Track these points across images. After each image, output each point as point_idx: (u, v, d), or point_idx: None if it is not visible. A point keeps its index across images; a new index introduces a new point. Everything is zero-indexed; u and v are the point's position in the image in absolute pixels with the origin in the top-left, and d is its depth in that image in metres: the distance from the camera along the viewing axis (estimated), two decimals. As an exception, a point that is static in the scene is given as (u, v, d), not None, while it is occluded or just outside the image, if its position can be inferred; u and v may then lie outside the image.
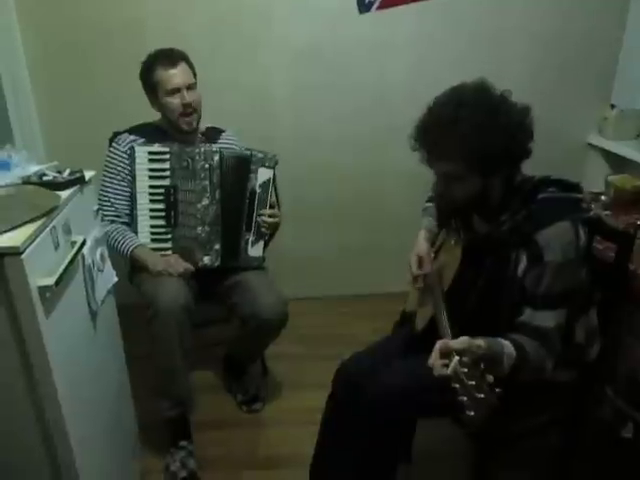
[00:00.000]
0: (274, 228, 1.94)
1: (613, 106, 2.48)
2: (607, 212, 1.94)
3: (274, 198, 1.93)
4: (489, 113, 1.14)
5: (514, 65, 2.41)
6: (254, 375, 2.18)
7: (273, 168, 1.89)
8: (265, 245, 1.96)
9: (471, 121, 1.13)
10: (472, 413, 0.93)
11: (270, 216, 1.90)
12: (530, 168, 1.27)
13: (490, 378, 0.95)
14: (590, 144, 2.62)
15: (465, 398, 0.94)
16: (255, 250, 1.93)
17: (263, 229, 1.91)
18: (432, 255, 1.51)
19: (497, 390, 0.94)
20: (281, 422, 2.00)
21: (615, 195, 1.98)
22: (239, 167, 1.85)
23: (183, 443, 1.81)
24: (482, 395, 0.93)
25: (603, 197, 2.04)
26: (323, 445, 1.56)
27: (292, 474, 1.74)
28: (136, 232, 1.81)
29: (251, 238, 1.91)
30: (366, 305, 2.69)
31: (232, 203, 1.87)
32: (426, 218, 1.59)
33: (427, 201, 1.62)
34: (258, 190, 1.87)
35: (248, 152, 1.86)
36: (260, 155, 1.87)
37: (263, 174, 1.87)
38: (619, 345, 1.54)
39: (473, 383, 0.94)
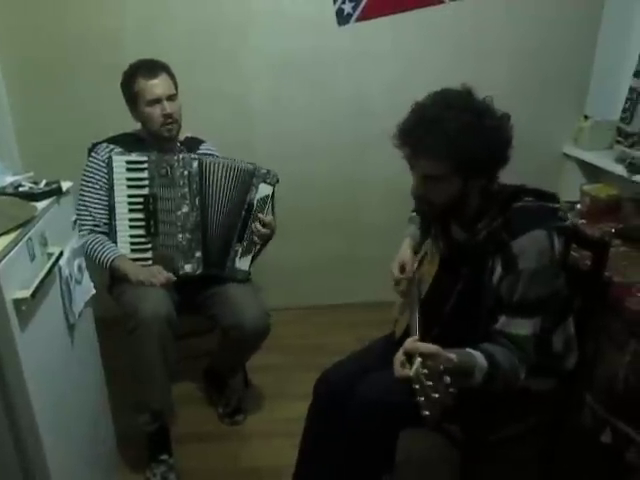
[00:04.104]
0: (266, 239, 1.92)
1: (587, 117, 2.54)
2: (582, 221, 1.97)
3: (271, 215, 1.91)
4: (475, 115, 1.16)
5: (491, 76, 2.44)
6: (235, 387, 2.16)
7: (274, 185, 1.90)
8: (253, 259, 1.94)
9: (458, 121, 1.14)
10: (427, 413, 0.95)
11: (264, 226, 1.88)
12: (507, 177, 1.28)
13: (447, 379, 0.97)
14: (566, 154, 2.67)
15: (422, 398, 0.96)
16: (242, 263, 1.92)
17: (255, 238, 1.89)
18: (416, 264, 1.52)
19: (451, 390, 0.96)
20: (264, 433, 1.98)
21: (590, 204, 2.02)
22: (240, 179, 1.85)
23: (163, 457, 1.78)
24: (437, 395, 0.95)
25: (578, 206, 2.07)
26: (305, 454, 1.55)
27: (275, 486, 1.72)
28: (115, 242, 1.79)
29: (240, 250, 1.90)
30: (348, 314, 2.69)
31: (226, 213, 1.86)
32: (411, 226, 1.60)
33: (413, 210, 1.63)
34: (255, 204, 1.87)
35: (252, 166, 1.86)
36: (263, 171, 1.87)
37: (263, 190, 1.87)
38: (597, 352, 1.57)
39: (430, 384, 0.96)
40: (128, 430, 1.81)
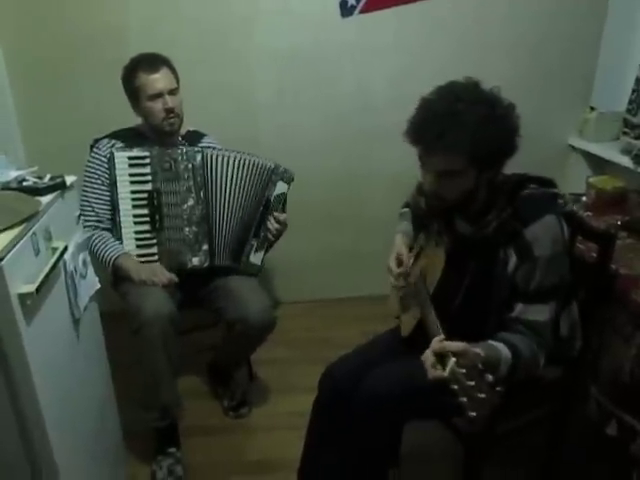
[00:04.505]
0: (278, 235, 1.94)
1: (593, 108, 2.52)
2: (588, 213, 1.96)
3: (284, 213, 1.93)
4: (488, 106, 1.15)
5: (496, 69, 2.42)
6: (240, 380, 2.17)
7: (289, 184, 1.91)
8: (265, 254, 1.96)
9: (473, 113, 1.12)
10: (474, 414, 0.93)
11: (278, 223, 1.90)
12: (512, 170, 1.28)
13: (489, 377, 0.95)
14: (571, 146, 2.65)
15: (465, 399, 0.94)
16: (256, 257, 1.94)
17: (269, 235, 1.91)
18: (412, 259, 1.51)
19: (498, 389, 0.94)
20: (269, 427, 1.99)
21: (596, 196, 2.01)
22: (258, 175, 1.87)
23: (171, 450, 1.79)
24: (483, 395, 0.93)
25: (584, 198, 2.06)
26: (310, 448, 1.56)
27: (280, 479, 1.73)
28: (120, 239, 1.79)
29: (256, 245, 1.92)
30: (354, 308, 2.70)
31: (240, 206, 1.87)
32: (403, 223, 1.59)
33: (403, 207, 1.62)
34: (272, 200, 1.89)
35: (272, 163, 1.88)
36: (282, 169, 1.89)
37: (280, 187, 1.90)
38: (603, 344, 1.56)
39: (472, 384, 0.94)
40: (134, 423, 1.82)
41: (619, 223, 1.84)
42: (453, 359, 0.99)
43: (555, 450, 1.56)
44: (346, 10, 2.37)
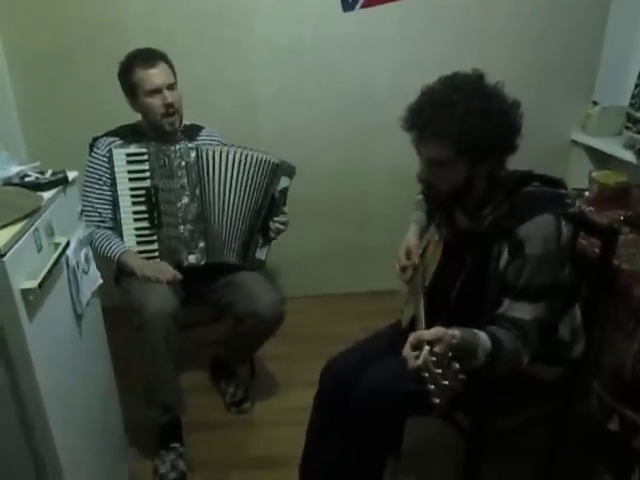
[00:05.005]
0: (279, 233, 1.94)
1: (595, 103, 2.51)
2: (591, 208, 1.96)
3: (285, 215, 1.93)
4: (484, 100, 1.14)
5: (499, 62, 2.41)
6: (242, 376, 2.17)
7: (291, 178, 1.91)
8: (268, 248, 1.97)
9: (467, 105, 1.12)
10: (437, 400, 0.95)
11: (281, 223, 1.90)
12: (514, 165, 1.27)
13: (455, 365, 0.96)
14: (574, 141, 2.64)
15: (432, 386, 0.95)
16: (260, 253, 1.94)
17: (272, 234, 1.91)
18: (420, 251, 1.51)
19: (461, 377, 0.95)
20: (270, 422, 2.00)
21: (599, 191, 2.00)
22: (263, 171, 1.86)
23: (174, 445, 1.80)
24: (446, 382, 0.94)
25: (587, 193, 2.05)
26: (311, 442, 1.56)
27: (282, 474, 1.73)
28: (121, 235, 1.79)
29: (260, 241, 1.92)
30: (354, 303, 2.70)
31: (249, 204, 1.87)
32: (416, 212, 1.59)
33: (419, 193, 1.61)
34: (277, 196, 1.89)
35: (277, 159, 1.87)
36: (286, 164, 1.89)
37: (283, 182, 1.89)
38: (605, 340, 1.56)
39: (440, 371, 0.96)
40: (136, 419, 1.82)
41: (622, 218, 1.83)
42: (427, 347, 1.00)
43: (556, 446, 1.56)
44: (348, 5, 2.36)
